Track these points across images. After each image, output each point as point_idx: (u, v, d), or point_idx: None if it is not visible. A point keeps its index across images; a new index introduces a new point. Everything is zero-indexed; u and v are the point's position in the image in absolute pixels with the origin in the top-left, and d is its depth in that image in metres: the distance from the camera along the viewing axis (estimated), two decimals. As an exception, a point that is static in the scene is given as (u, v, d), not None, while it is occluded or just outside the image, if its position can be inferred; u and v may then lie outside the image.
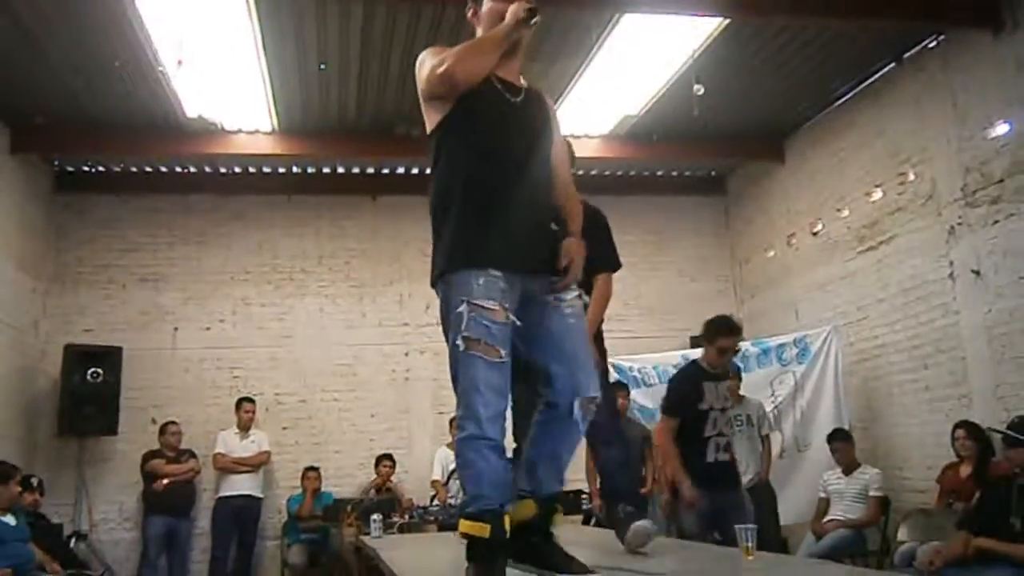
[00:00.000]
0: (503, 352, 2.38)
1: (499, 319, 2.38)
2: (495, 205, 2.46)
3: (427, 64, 2.53)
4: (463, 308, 2.36)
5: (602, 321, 3.69)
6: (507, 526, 2.38)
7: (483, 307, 2.37)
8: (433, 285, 2.52)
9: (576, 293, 2.60)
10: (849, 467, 6.41)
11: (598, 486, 6.78)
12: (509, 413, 2.58)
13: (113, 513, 7.97)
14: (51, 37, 5.90)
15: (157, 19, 5.58)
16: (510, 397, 2.47)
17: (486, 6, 2.64)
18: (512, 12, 2.49)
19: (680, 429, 4.59)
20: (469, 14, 2.73)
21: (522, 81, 2.67)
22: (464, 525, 2.39)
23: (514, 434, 3.43)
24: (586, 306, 2.73)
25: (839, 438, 6.53)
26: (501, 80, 2.57)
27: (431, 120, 2.58)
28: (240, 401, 8.00)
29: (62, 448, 7.85)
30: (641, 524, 3.21)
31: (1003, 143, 5.84)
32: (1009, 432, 4.38)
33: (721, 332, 4.60)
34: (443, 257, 2.47)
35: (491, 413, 2.36)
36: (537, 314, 2.50)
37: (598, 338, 3.61)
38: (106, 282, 8.43)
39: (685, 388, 4.67)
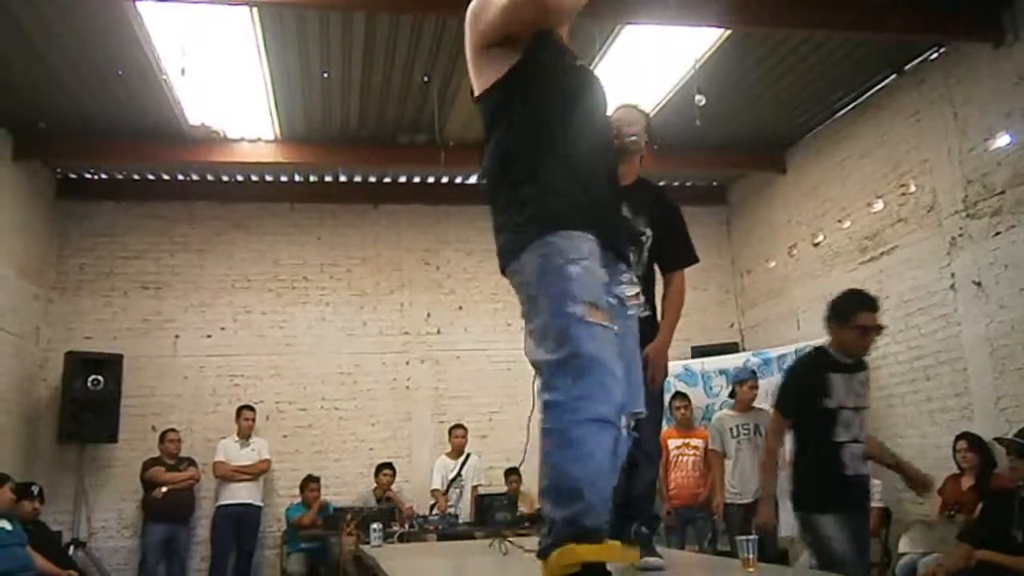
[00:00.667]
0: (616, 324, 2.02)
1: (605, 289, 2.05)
2: (587, 172, 2.13)
3: None
4: (575, 269, 1.95)
5: None
6: None
7: (595, 271, 2.01)
8: (517, 252, 2.05)
9: (637, 290, 2.28)
10: None
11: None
12: None
13: (112, 521, 7.96)
14: (54, 44, 5.92)
15: (160, 27, 5.60)
16: None
17: None
18: None
19: (802, 433, 3.75)
20: None
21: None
22: (583, 551, 1.81)
23: None
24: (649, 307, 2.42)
25: None
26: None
27: (493, 71, 2.20)
28: (240, 409, 7.99)
29: (62, 455, 7.83)
30: (654, 560, 2.99)
31: (1004, 155, 5.85)
32: (1018, 440, 4.33)
33: (859, 307, 3.69)
34: (539, 217, 2.04)
35: (618, 399, 1.92)
36: None
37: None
38: (107, 289, 8.43)
39: (804, 381, 3.78)
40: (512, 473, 7.74)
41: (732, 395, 6.92)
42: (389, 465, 7.95)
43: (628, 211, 3.00)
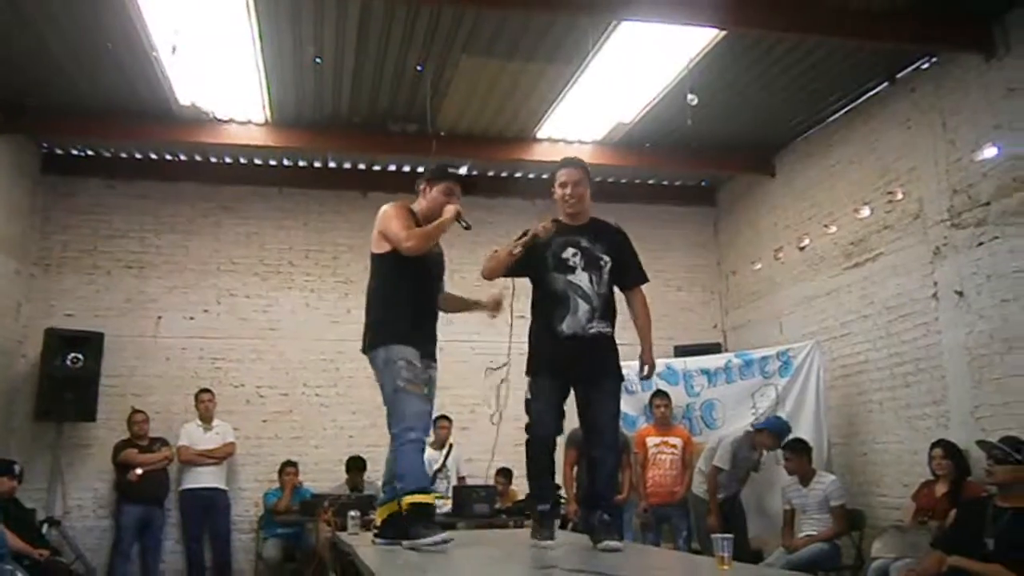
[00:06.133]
0: None
1: None
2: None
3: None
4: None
5: None
6: None
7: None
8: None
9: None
10: (805, 478, 6.35)
11: (575, 491, 6.80)
12: None
13: (88, 500, 7.91)
14: (44, 18, 5.84)
15: (152, 4, 5.54)
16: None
17: (433, 193, 3.98)
18: (448, 211, 3.91)
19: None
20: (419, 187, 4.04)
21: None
22: (417, 498, 3.55)
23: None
24: None
25: (790, 448, 6.43)
26: None
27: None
28: (198, 392, 7.94)
29: (39, 432, 7.77)
30: (613, 543, 3.59)
31: (990, 166, 5.89)
32: (1002, 446, 4.26)
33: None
34: None
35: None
36: None
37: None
38: (90, 267, 8.36)
39: None
40: (500, 475, 7.60)
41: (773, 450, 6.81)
42: (357, 460, 7.73)
43: (587, 242, 3.82)
